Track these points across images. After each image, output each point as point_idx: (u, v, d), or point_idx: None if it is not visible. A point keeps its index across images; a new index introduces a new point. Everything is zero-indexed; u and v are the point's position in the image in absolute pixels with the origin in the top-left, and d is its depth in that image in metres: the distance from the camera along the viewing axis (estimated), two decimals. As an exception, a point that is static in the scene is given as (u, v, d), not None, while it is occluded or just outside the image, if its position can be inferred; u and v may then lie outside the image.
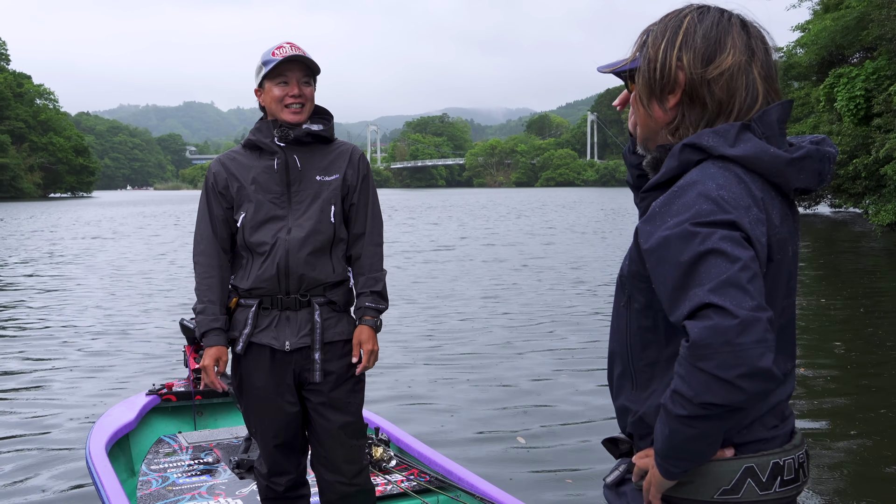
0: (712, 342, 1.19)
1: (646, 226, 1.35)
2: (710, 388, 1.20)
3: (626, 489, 1.49)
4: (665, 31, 1.43)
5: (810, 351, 7.85)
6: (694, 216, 1.27)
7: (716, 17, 1.41)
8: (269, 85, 2.73)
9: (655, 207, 1.34)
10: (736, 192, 1.30)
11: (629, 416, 1.47)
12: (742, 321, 1.19)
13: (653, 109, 1.45)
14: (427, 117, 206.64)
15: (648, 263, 1.34)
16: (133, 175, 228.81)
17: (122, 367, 7.58)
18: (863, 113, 20.64)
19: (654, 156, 1.47)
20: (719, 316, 1.19)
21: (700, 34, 1.39)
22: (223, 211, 2.82)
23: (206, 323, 2.76)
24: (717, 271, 1.22)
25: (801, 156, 1.36)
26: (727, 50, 1.38)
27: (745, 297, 1.20)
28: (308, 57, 2.73)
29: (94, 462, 3.65)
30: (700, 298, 1.22)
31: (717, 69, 1.37)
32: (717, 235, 1.25)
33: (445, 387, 6.69)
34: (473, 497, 3.41)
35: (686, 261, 1.25)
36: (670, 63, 1.40)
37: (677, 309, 1.27)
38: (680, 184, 1.34)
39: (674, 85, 1.41)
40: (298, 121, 2.75)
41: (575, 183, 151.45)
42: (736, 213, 1.27)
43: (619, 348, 1.49)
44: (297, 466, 2.93)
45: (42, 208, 56.78)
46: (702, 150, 1.36)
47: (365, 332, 2.82)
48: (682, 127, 1.42)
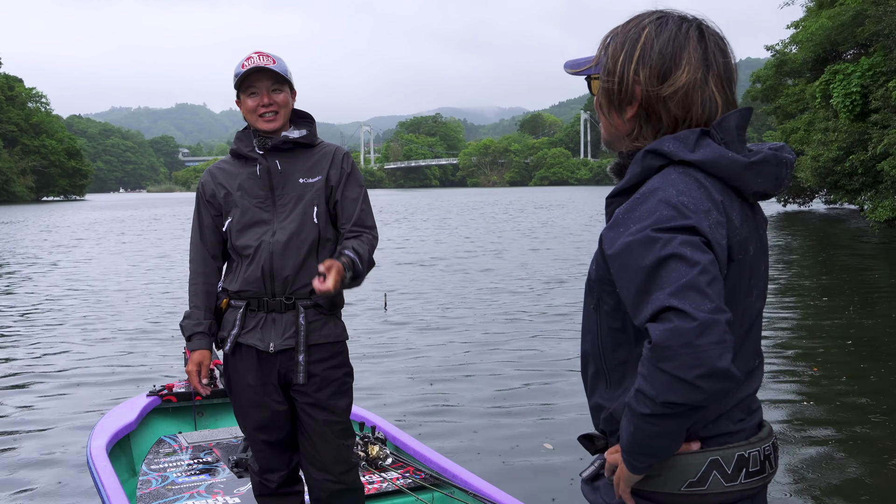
0: (672, 344, 1.23)
1: (610, 232, 1.38)
2: (671, 387, 1.25)
3: (600, 483, 1.54)
4: (624, 44, 1.45)
5: (813, 351, 7.80)
6: (655, 222, 1.31)
7: (673, 30, 1.43)
8: (244, 97, 2.81)
9: (619, 214, 1.38)
10: (696, 196, 1.34)
11: (602, 413, 1.51)
12: (701, 323, 1.22)
13: (612, 118, 1.49)
14: (420, 117, 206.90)
15: (612, 268, 1.37)
16: (126, 178, 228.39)
17: (123, 368, 7.65)
18: (859, 109, 20.63)
19: (618, 161, 1.52)
20: (679, 319, 1.23)
21: (657, 50, 1.41)
22: (212, 219, 2.91)
23: (190, 327, 2.86)
24: (677, 275, 1.26)
25: (759, 160, 1.41)
26: (682, 67, 1.40)
27: (704, 300, 1.24)
28: (271, 67, 2.75)
29: (95, 462, 3.69)
30: (661, 302, 1.26)
31: (671, 87, 1.40)
32: (677, 241, 1.28)
33: (445, 387, 6.61)
34: (467, 493, 3.47)
35: (647, 265, 1.29)
36: (628, 77, 1.43)
37: (640, 312, 1.30)
38: (642, 190, 1.37)
39: (631, 98, 1.44)
40: (274, 128, 2.80)
41: (569, 182, 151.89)
42: (696, 218, 1.31)
43: (592, 349, 1.53)
44: (289, 463, 2.99)
45: (36, 212, 56.55)
46: (663, 156, 1.40)
47: (331, 262, 2.55)
48: (640, 138, 1.46)
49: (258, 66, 2.73)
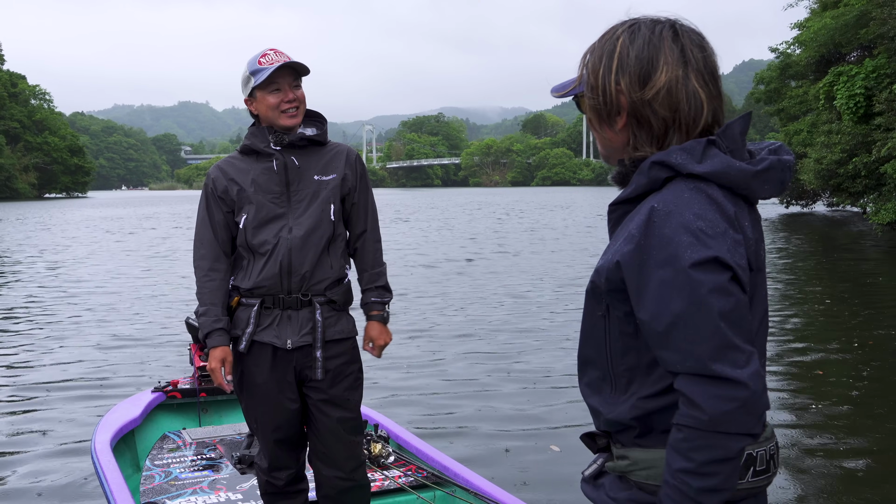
0: (729, 409, 1.28)
1: (628, 248, 1.38)
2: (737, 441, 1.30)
3: (603, 481, 1.54)
4: (602, 56, 1.46)
5: (817, 354, 7.78)
6: (676, 255, 1.31)
7: (646, 35, 1.44)
8: (262, 94, 2.78)
9: (634, 231, 1.38)
10: (711, 218, 1.34)
11: (601, 416, 1.53)
12: (750, 387, 1.28)
13: (605, 132, 1.50)
14: (422, 117, 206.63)
15: (631, 286, 1.38)
16: (128, 175, 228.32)
17: (127, 364, 7.68)
18: (862, 111, 20.58)
19: (620, 170, 1.52)
20: (729, 388, 1.28)
21: (633, 56, 1.43)
22: (223, 215, 2.89)
23: (208, 324, 2.82)
24: (710, 330, 1.29)
25: (765, 168, 1.41)
26: (660, 68, 1.42)
27: (741, 356, 1.29)
28: (298, 62, 2.77)
29: (99, 457, 3.72)
30: (704, 367, 1.29)
31: (653, 89, 1.41)
32: (704, 288, 1.29)
33: (449, 388, 6.60)
34: (468, 492, 3.49)
35: (677, 312, 1.31)
36: (610, 88, 1.45)
37: (667, 351, 1.34)
38: (657, 208, 1.36)
39: (618, 108, 1.45)
40: (295, 123, 2.82)
41: (571, 182, 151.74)
42: (716, 246, 1.31)
43: (596, 354, 1.53)
44: (297, 461, 3.01)
45: (38, 208, 56.58)
46: (670, 168, 1.40)
47: (375, 327, 2.99)
48: (638, 146, 1.46)
49: (286, 62, 2.74)
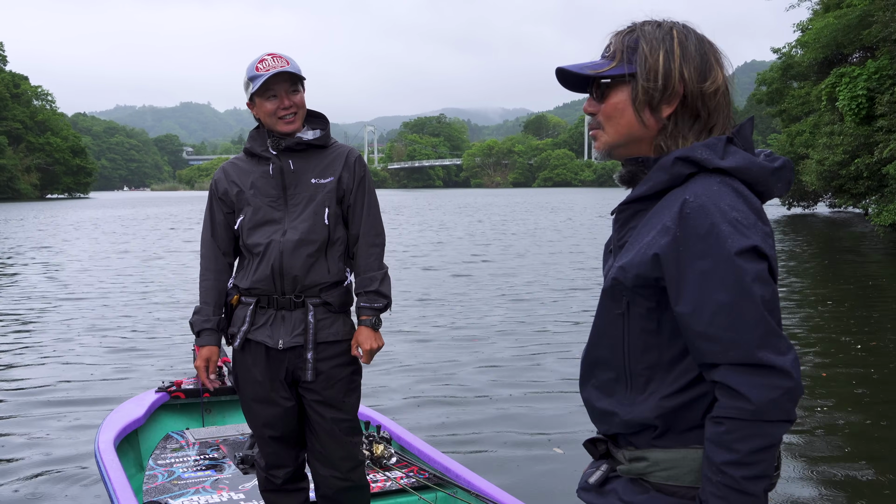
0: (775, 398, 1.33)
1: (666, 241, 1.38)
2: (779, 427, 1.36)
3: (613, 486, 1.53)
4: (660, 42, 1.46)
5: (820, 355, 7.77)
6: (719, 246, 1.33)
7: (692, 33, 1.48)
8: (260, 100, 2.81)
9: (668, 223, 1.38)
10: (743, 210, 1.37)
11: (615, 418, 1.51)
12: (793, 375, 1.33)
13: (645, 117, 1.48)
14: (424, 118, 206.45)
15: (670, 279, 1.39)
16: (130, 176, 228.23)
17: (131, 364, 7.69)
18: (864, 112, 20.53)
19: (629, 169, 1.52)
20: (775, 377, 1.33)
21: (693, 50, 1.46)
22: (224, 216, 2.96)
23: (199, 323, 2.93)
24: (755, 319, 1.33)
25: (780, 166, 1.46)
26: (715, 67, 1.47)
27: (780, 341, 1.34)
28: (292, 70, 2.77)
29: (103, 456, 3.73)
30: (749, 356, 1.32)
31: (713, 84, 1.45)
32: (749, 276, 1.33)
33: (452, 389, 6.60)
34: (470, 494, 3.49)
35: (723, 301, 1.33)
36: (674, 74, 1.45)
37: (707, 342, 1.36)
38: (690, 202, 1.37)
39: (673, 96, 1.46)
40: (293, 129, 2.84)
41: (572, 183, 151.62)
42: (753, 236, 1.35)
43: (611, 354, 1.53)
44: (295, 460, 3.03)
45: (41, 209, 56.62)
46: (695, 164, 1.41)
47: (363, 332, 2.91)
48: (673, 135, 1.47)
49: (280, 70, 2.75)
